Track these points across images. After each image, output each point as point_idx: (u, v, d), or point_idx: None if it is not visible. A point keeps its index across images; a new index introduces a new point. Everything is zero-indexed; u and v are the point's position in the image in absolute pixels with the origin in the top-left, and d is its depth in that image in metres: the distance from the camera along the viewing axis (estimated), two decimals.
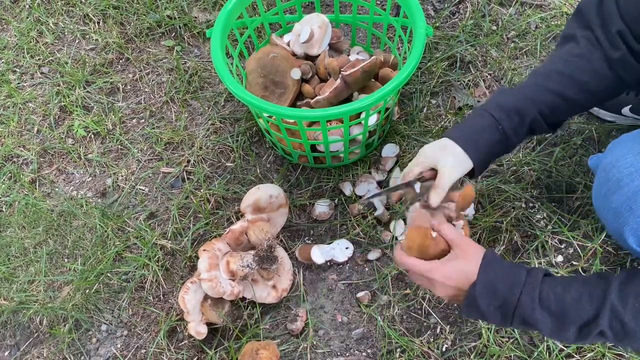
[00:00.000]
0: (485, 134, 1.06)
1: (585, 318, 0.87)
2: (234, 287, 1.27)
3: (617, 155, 0.99)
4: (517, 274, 0.92)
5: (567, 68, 1.05)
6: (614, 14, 0.97)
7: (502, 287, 0.91)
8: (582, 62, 1.04)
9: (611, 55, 1.00)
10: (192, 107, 1.71)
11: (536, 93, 1.06)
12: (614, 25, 0.97)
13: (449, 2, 1.81)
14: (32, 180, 1.63)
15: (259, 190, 1.38)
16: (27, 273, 1.47)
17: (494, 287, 0.91)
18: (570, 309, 0.88)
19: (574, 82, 1.04)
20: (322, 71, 1.48)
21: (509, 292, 0.90)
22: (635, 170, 0.94)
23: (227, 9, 1.40)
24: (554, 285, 0.90)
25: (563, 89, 1.05)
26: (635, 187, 0.93)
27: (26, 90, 1.80)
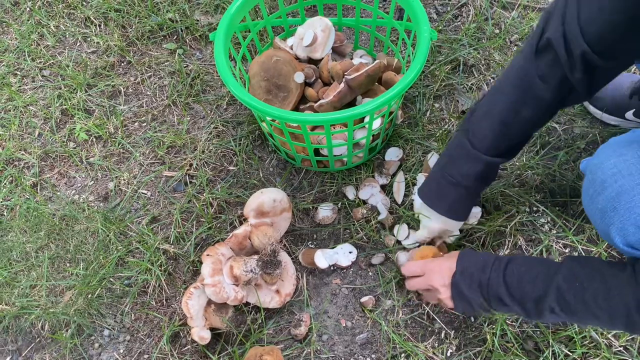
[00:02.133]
0: (466, 203, 1.26)
1: (537, 294, 1.01)
2: (238, 292, 1.27)
3: (602, 157, 1.02)
4: (486, 259, 1.10)
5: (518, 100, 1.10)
6: (578, 37, 0.96)
7: (475, 271, 1.09)
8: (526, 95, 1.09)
9: (574, 76, 1.01)
10: (195, 110, 1.70)
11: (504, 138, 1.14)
12: (577, 48, 0.97)
13: (451, 5, 1.81)
14: (33, 184, 1.62)
15: (263, 194, 1.38)
16: (28, 278, 1.46)
17: (469, 271, 1.10)
18: (527, 285, 1.02)
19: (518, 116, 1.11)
20: (326, 75, 1.48)
21: (481, 273, 1.08)
22: (618, 172, 0.96)
23: (230, 13, 1.39)
24: (519, 264, 1.05)
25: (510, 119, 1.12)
26: (619, 187, 0.95)
27: (27, 93, 1.79)
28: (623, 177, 0.95)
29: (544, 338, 1.26)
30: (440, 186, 1.23)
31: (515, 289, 1.03)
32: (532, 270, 1.03)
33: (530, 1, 1.78)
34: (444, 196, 1.23)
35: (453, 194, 1.21)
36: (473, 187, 1.20)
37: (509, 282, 1.04)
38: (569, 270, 0.99)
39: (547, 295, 0.99)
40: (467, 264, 1.11)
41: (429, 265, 1.20)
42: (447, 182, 1.20)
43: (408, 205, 1.46)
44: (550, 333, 1.26)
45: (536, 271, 1.03)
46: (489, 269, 1.07)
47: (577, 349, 1.23)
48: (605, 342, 1.24)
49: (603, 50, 0.96)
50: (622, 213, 0.94)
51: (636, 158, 0.97)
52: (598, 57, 0.96)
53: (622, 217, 0.94)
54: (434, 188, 1.25)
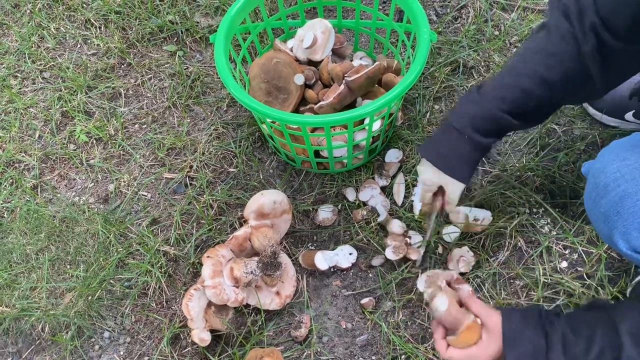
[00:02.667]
0: (469, 159, 1.14)
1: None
2: (238, 293, 1.27)
3: (604, 161, 1.02)
4: (537, 345, 0.93)
5: (538, 67, 1.05)
6: (590, 7, 0.96)
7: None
8: (552, 60, 1.04)
9: (583, 48, 0.99)
10: (195, 112, 1.70)
11: (508, 94, 1.07)
12: (587, 18, 0.96)
13: (451, 7, 1.81)
14: (33, 186, 1.62)
15: (263, 196, 1.38)
16: (29, 280, 1.46)
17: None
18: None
19: (543, 82, 1.05)
20: (326, 77, 1.48)
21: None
22: (621, 176, 0.97)
23: (230, 15, 1.40)
24: (576, 340, 0.91)
25: (533, 87, 1.06)
26: (622, 191, 0.95)
27: (27, 95, 1.79)
28: (626, 182, 0.95)
29: None
30: (435, 134, 1.17)
31: None
32: (594, 346, 0.90)
33: (529, 3, 1.78)
34: (436, 143, 1.16)
35: (445, 139, 1.13)
36: (468, 132, 1.09)
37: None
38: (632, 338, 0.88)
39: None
40: (516, 356, 0.94)
41: (473, 353, 1.00)
42: (443, 128, 1.14)
43: (408, 206, 1.46)
44: None
45: (598, 347, 0.89)
46: (543, 357, 0.92)
47: None
48: None
49: (615, 27, 0.94)
50: (625, 217, 0.95)
51: (639, 162, 0.97)
52: (609, 34, 0.94)
53: (626, 221, 0.95)
54: (430, 138, 1.19)
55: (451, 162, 1.14)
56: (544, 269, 1.33)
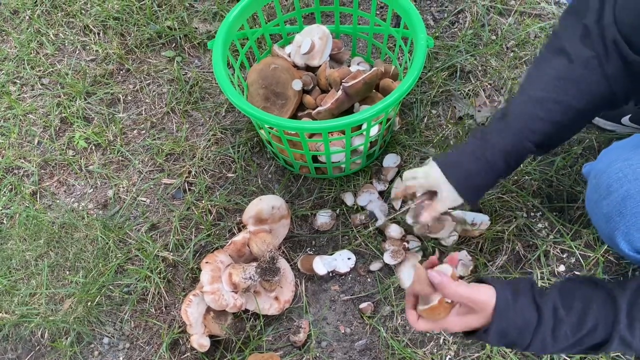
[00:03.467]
0: (480, 178, 1.08)
1: (593, 343, 0.88)
2: (237, 299, 1.27)
3: (606, 162, 1.01)
4: (527, 319, 0.88)
5: (562, 95, 1.00)
6: (611, 24, 0.93)
7: (513, 334, 0.89)
8: (576, 88, 0.99)
9: (607, 70, 0.96)
10: (193, 117, 1.71)
11: (533, 124, 1.03)
12: (609, 35, 0.93)
13: (448, 12, 1.82)
14: (33, 192, 1.62)
15: (261, 201, 1.38)
16: (28, 286, 1.47)
17: (505, 333, 0.89)
18: (583, 338, 0.87)
19: (570, 109, 1.01)
20: (323, 82, 1.48)
21: (519, 338, 0.89)
22: (624, 176, 0.96)
23: (228, 21, 1.40)
24: (568, 317, 0.88)
25: (559, 117, 1.01)
26: (624, 192, 0.95)
27: (27, 101, 1.80)
28: (629, 182, 0.95)
29: None
30: (465, 154, 1.09)
31: (567, 345, 0.89)
32: (587, 321, 0.87)
33: (526, 7, 1.79)
34: (460, 163, 1.09)
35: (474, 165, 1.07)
36: (498, 166, 1.05)
37: (560, 341, 0.88)
38: (629, 314, 0.86)
39: (607, 344, 0.86)
40: (505, 326, 0.89)
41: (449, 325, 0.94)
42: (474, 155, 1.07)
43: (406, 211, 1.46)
44: None
45: (592, 322, 0.87)
46: (529, 334, 0.88)
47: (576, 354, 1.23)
48: None
49: (636, 43, 0.90)
50: (628, 218, 0.94)
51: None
52: (631, 51, 0.91)
53: (628, 222, 0.94)
54: (454, 155, 1.11)
55: (464, 178, 1.08)
56: (541, 272, 1.34)
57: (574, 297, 0.90)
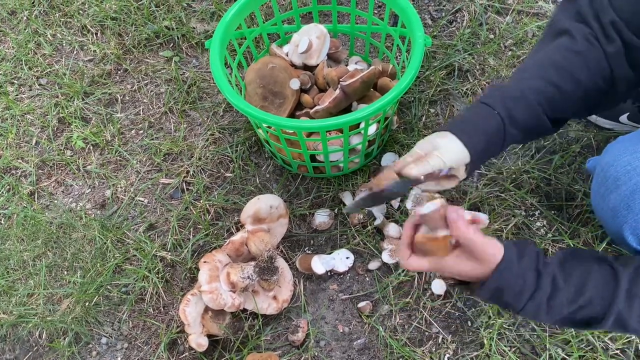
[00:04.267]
0: (481, 123, 0.96)
1: (588, 316, 0.85)
2: (235, 298, 1.27)
3: (614, 155, 1.00)
4: (526, 283, 0.85)
5: (566, 62, 0.97)
6: (606, 6, 0.93)
7: (509, 295, 0.85)
8: (580, 59, 0.96)
9: (607, 49, 0.94)
10: (191, 117, 1.71)
11: (537, 83, 0.98)
12: (606, 16, 0.92)
13: (446, 11, 1.82)
14: (30, 192, 1.62)
15: (259, 200, 1.38)
16: (26, 286, 1.46)
17: (501, 292, 0.86)
18: (577, 310, 0.84)
19: (571, 78, 0.97)
20: (321, 81, 1.48)
21: (514, 300, 0.86)
22: (633, 169, 0.95)
23: (225, 21, 1.40)
24: (566, 287, 0.84)
25: (561, 81, 0.97)
26: (633, 185, 0.94)
27: (24, 102, 1.79)
28: (638, 175, 0.94)
29: (541, 342, 1.26)
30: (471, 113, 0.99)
31: (560, 318, 0.86)
32: (585, 293, 0.84)
33: (524, 6, 1.79)
34: (460, 116, 1.00)
35: (471, 112, 0.99)
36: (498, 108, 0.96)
37: (554, 312, 0.85)
38: (628, 291, 0.83)
39: (603, 321, 0.84)
40: (502, 285, 0.86)
41: (444, 271, 0.90)
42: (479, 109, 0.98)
43: (404, 209, 1.46)
44: (547, 337, 1.26)
45: (589, 294, 0.84)
46: (525, 298, 0.85)
47: (574, 352, 1.23)
48: (601, 345, 1.24)
49: (636, 26, 0.90)
50: (636, 212, 0.93)
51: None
52: (632, 34, 0.90)
53: (637, 215, 0.93)
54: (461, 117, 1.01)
55: (466, 126, 0.96)
56: None
57: (575, 268, 0.86)
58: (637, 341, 1.24)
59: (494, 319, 1.29)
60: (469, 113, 0.99)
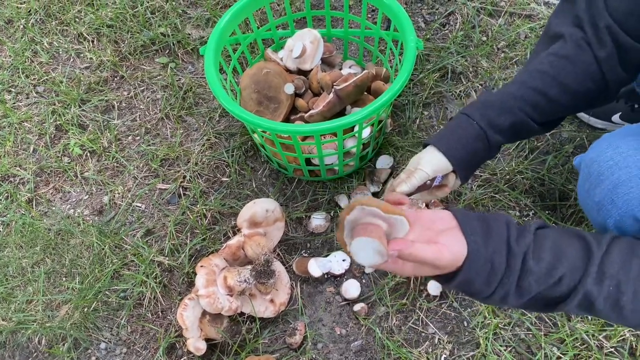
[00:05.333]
0: (460, 133, 1.04)
1: (554, 296, 0.79)
2: (232, 302, 1.28)
3: (597, 151, 1.02)
4: (495, 267, 0.78)
5: (551, 69, 1.03)
6: (602, 10, 0.96)
7: (478, 283, 0.79)
8: (567, 63, 1.01)
9: (598, 54, 0.98)
10: (187, 123, 1.72)
11: (518, 90, 1.04)
12: (602, 21, 0.96)
13: (438, 14, 1.83)
14: (28, 199, 1.63)
15: (255, 204, 1.39)
16: (25, 293, 1.47)
17: (470, 283, 0.79)
18: (546, 290, 0.78)
19: (557, 83, 1.02)
20: (315, 85, 1.50)
21: (483, 288, 0.79)
22: (615, 164, 0.96)
23: (219, 27, 1.42)
24: (537, 266, 0.78)
25: (544, 87, 1.02)
26: (616, 179, 0.95)
27: (22, 109, 1.81)
28: (620, 169, 0.95)
29: (536, 341, 1.27)
30: (450, 124, 1.07)
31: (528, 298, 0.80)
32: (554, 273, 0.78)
33: (516, 8, 1.81)
34: (448, 133, 1.06)
35: (451, 124, 1.07)
36: (477, 118, 1.04)
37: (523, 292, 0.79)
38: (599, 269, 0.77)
39: (568, 299, 0.79)
40: (472, 275, 0.78)
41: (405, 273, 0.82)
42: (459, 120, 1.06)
43: None
44: (542, 336, 1.27)
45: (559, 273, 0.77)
46: (494, 284, 0.79)
47: (569, 351, 1.24)
48: (596, 344, 1.25)
49: (631, 28, 0.93)
50: (619, 205, 0.94)
51: (632, 150, 0.96)
52: (627, 35, 0.94)
53: (620, 209, 0.94)
54: (442, 130, 1.08)
55: (444, 137, 1.04)
56: None
57: (548, 246, 0.80)
58: (632, 339, 1.26)
59: (490, 319, 1.30)
60: (449, 124, 1.08)
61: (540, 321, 1.30)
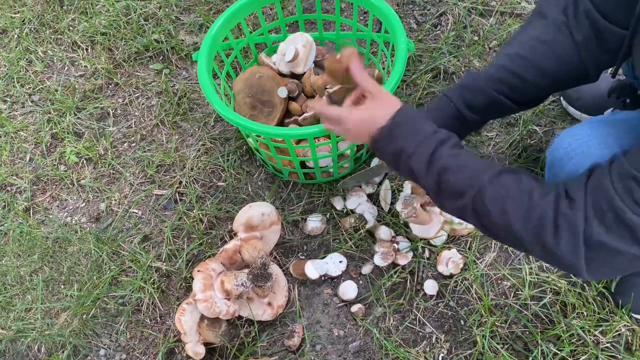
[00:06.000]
0: (444, 122, 1.13)
1: (457, 188, 0.90)
2: (230, 306, 1.29)
3: (557, 140, 1.06)
4: (421, 128, 0.94)
5: (531, 54, 1.08)
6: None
7: (403, 136, 0.94)
8: (546, 49, 1.07)
9: (576, 37, 1.03)
10: (182, 128, 1.73)
11: (496, 72, 1.11)
12: (582, 5, 1.00)
13: (430, 15, 1.84)
14: (26, 208, 1.64)
15: (251, 208, 1.40)
16: (24, 301, 1.48)
17: (397, 132, 0.94)
18: (451, 177, 0.90)
19: (534, 67, 1.08)
20: (308, 89, 1.51)
21: (407, 140, 0.93)
22: (572, 150, 1.00)
23: (211, 33, 1.42)
24: (452, 155, 0.91)
25: (522, 71, 1.09)
26: (574, 164, 0.98)
27: (17, 119, 1.81)
28: (577, 155, 0.99)
29: (533, 338, 1.28)
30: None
31: (437, 178, 0.92)
32: (461, 164, 0.91)
33: (507, 7, 1.82)
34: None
35: (434, 102, 1.19)
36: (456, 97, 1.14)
37: (433, 168, 0.92)
38: (498, 175, 0.88)
39: (466, 191, 0.89)
40: (399, 133, 0.94)
41: (349, 119, 1.01)
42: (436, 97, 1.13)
43: (395, 212, 1.48)
44: (538, 333, 1.28)
45: (464, 165, 0.90)
46: (419, 138, 0.93)
47: (565, 347, 1.24)
48: (592, 339, 1.26)
49: (609, 12, 0.97)
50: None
51: (587, 136, 1.00)
52: (604, 20, 0.98)
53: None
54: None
55: (426, 115, 1.14)
56: (530, 268, 1.36)
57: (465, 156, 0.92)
58: (627, 334, 1.26)
59: (486, 317, 1.31)
60: (430, 105, 1.19)
61: (536, 318, 1.31)
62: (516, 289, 1.35)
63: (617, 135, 0.99)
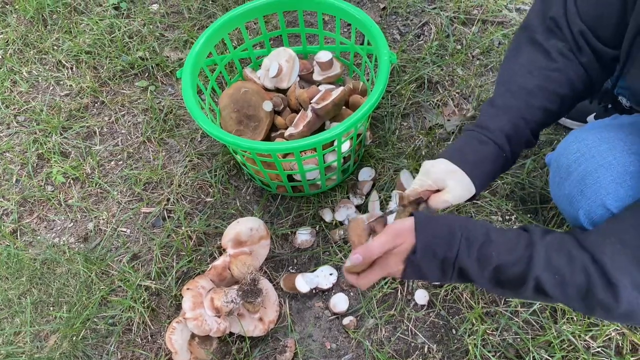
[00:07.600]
0: (489, 163, 1.01)
1: (511, 277, 0.86)
2: (220, 323, 1.28)
3: (564, 145, 1.05)
4: (452, 228, 0.88)
5: (548, 83, 1.01)
6: (574, 15, 0.98)
7: (439, 244, 0.87)
8: (561, 76, 1.01)
9: (581, 60, 1.00)
10: (169, 145, 1.73)
11: (527, 112, 1.02)
12: (575, 26, 0.97)
13: (413, 25, 1.86)
14: (12, 230, 1.63)
15: (239, 224, 1.40)
16: (12, 325, 1.46)
17: (432, 248, 0.87)
18: (504, 266, 0.85)
19: (556, 97, 1.02)
20: (294, 102, 1.51)
21: (446, 247, 0.87)
22: (581, 155, 0.99)
23: (195, 50, 1.43)
24: (498, 239, 0.87)
25: (548, 104, 1.02)
26: (583, 170, 0.98)
27: (3, 140, 1.81)
28: (586, 160, 0.98)
29: (524, 345, 1.28)
30: (467, 142, 1.03)
31: (488, 270, 0.87)
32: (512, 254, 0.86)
33: (488, 16, 1.84)
34: (470, 153, 1.02)
35: (482, 149, 1.01)
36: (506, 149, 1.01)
37: (481, 261, 0.87)
38: (546, 261, 0.85)
39: (526, 283, 0.85)
40: (430, 238, 0.88)
41: (376, 249, 0.90)
42: (476, 138, 1.02)
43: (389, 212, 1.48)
44: (529, 339, 1.28)
45: (516, 255, 0.86)
46: (456, 244, 0.87)
47: (557, 353, 1.25)
48: (583, 345, 1.26)
49: (601, 34, 0.95)
50: (589, 195, 0.97)
51: (597, 140, 0.99)
52: (598, 42, 0.96)
53: (589, 199, 0.97)
54: (461, 147, 1.04)
55: (472, 161, 1.01)
56: None
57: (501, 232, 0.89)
58: (618, 338, 1.27)
59: (477, 325, 1.31)
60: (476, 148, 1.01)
61: (527, 325, 1.31)
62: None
63: (626, 140, 0.99)
